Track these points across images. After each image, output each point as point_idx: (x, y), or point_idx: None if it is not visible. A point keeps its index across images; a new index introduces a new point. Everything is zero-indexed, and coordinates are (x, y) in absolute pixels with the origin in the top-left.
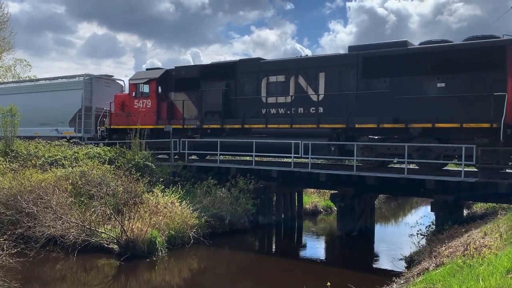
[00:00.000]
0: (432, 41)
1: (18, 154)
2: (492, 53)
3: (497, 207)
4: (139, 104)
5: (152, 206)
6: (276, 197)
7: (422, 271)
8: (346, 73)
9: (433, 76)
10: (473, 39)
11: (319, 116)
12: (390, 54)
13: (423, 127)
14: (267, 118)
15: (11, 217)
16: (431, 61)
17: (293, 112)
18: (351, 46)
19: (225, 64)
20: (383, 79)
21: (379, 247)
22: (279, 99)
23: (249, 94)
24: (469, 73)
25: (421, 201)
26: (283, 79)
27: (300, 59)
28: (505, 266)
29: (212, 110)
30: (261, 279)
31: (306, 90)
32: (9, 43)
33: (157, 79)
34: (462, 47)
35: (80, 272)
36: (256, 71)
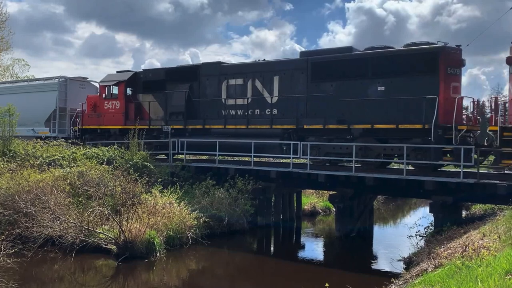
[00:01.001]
0: (375, 47)
1: (16, 154)
2: (426, 58)
3: (496, 209)
4: (109, 105)
5: (151, 207)
6: (275, 198)
7: (420, 273)
8: (297, 77)
9: (374, 80)
10: (411, 45)
11: (272, 118)
12: (336, 59)
13: (363, 127)
14: (226, 119)
15: (8, 217)
16: (372, 66)
17: (250, 114)
18: (302, 52)
19: (189, 67)
20: (329, 83)
21: (377, 248)
22: (238, 101)
23: (211, 96)
24: (405, 77)
25: (420, 202)
26: (241, 82)
27: (257, 63)
28: (503, 267)
29: (176, 111)
30: (259, 280)
31: (262, 92)
32: (7, 43)
33: (125, 81)
34: (399, 53)
35: (78, 272)
36: (217, 74)
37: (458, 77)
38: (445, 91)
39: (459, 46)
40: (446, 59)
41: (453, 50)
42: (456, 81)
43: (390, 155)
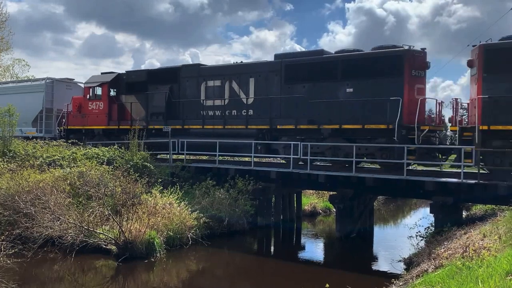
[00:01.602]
0: (345, 50)
1: (16, 154)
2: (391, 61)
3: (496, 209)
4: (93, 106)
5: (151, 207)
6: (275, 198)
7: (421, 273)
8: (272, 78)
9: (344, 82)
10: (379, 49)
11: (248, 118)
12: (308, 62)
13: (332, 128)
14: (204, 120)
15: (8, 217)
16: (342, 69)
17: (227, 114)
18: (276, 54)
19: (170, 69)
20: (302, 84)
21: (378, 249)
22: (216, 102)
23: (190, 97)
24: (372, 79)
25: (420, 202)
26: (219, 84)
27: (234, 65)
28: (504, 268)
29: (157, 111)
30: (259, 280)
31: (239, 94)
32: (7, 43)
33: (108, 82)
34: (366, 56)
35: (78, 273)
36: (196, 76)
37: (422, 79)
38: (410, 92)
39: (424, 49)
40: (411, 62)
41: (418, 53)
42: (420, 83)
43: (358, 154)
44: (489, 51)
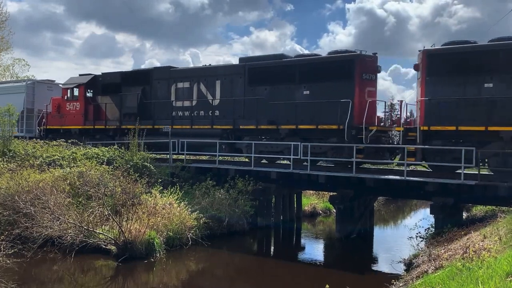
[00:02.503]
0: (303, 54)
1: (16, 154)
2: (343, 65)
3: (497, 210)
4: (70, 106)
5: (150, 207)
6: (275, 199)
7: (421, 274)
8: (236, 81)
9: (301, 85)
10: (334, 53)
11: (213, 119)
12: (269, 65)
13: (289, 128)
14: (173, 120)
15: (8, 217)
16: (299, 72)
17: (195, 115)
18: (241, 58)
19: (142, 71)
20: (263, 87)
21: (378, 250)
22: (185, 103)
23: (161, 99)
24: (327, 82)
25: (421, 203)
26: (188, 86)
27: (202, 68)
28: (504, 269)
29: (129, 112)
30: (259, 281)
31: (206, 95)
32: (8, 43)
33: (85, 84)
34: (321, 60)
35: (77, 273)
36: (167, 78)
37: (373, 82)
38: (360, 95)
39: (375, 53)
40: (361, 66)
41: (368, 57)
42: (371, 86)
43: (313, 153)
44: (432, 55)
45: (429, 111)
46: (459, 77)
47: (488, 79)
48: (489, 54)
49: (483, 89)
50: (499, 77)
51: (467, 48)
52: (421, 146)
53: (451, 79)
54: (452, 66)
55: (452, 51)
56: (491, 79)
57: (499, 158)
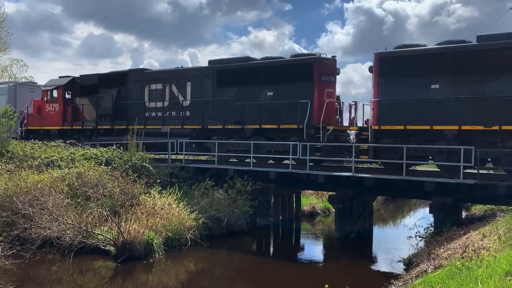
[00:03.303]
0: (268, 57)
1: (14, 155)
2: (303, 68)
3: (496, 209)
4: (50, 107)
5: (149, 208)
6: (274, 199)
7: (420, 274)
8: (206, 83)
9: (265, 86)
10: (296, 56)
11: (184, 119)
12: (235, 67)
13: (254, 127)
14: (146, 120)
15: (6, 218)
16: (264, 74)
17: (167, 115)
18: (210, 60)
19: (118, 73)
20: (231, 88)
21: (377, 249)
22: (158, 104)
23: (135, 100)
24: (289, 84)
25: (420, 203)
26: (161, 87)
27: (174, 70)
28: (503, 268)
29: (105, 113)
30: (258, 281)
31: (178, 96)
32: (5, 43)
33: (63, 86)
34: (284, 63)
35: (76, 274)
36: (141, 80)
37: (332, 84)
38: (319, 96)
39: (334, 56)
40: (320, 68)
41: (327, 60)
42: (330, 87)
43: (277, 152)
44: (383, 58)
45: (380, 111)
46: (408, 79)
47: (434, 81)
48: (436, 56)
49: (430, 90)
50: (445, 78)
51: (415, 51)
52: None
53: (401, 80)
54: (402, 69)
55: (402, 54)
56: (437, 80)
57: (444, 155)
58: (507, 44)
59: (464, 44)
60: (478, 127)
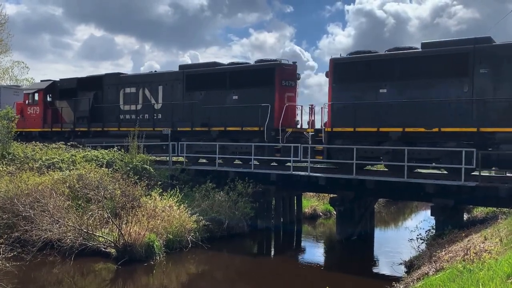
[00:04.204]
0: (234, 62)
1: (15, 157)
2: (265, 73)
3: (497, 212)
4: (31, 110)
5: (150, 210)
6: (275, 201)
7: (422, 276)
8: (176, 86)
9: (230, 91)
10: (259, 62)
11: (155, 121)
12: (203, 72)
13: (219, 130)
14: (120, 123)
15: (7, 220)
16: (229, 79)
17: (140, 118)
18: (180, 65)
19: (95, 77)
20: (199, 92)
21: (378, 252)
22: (131, 107)
23: (111, 103)
24: (252, 88)
25: (421, 205)
26: (134, 91)
27: (147, 74)
28: (505, 271)
29: (82, 115)
30: (259, 283)
31: (150, 100)
32: (7, 45)
33: (44, 89)
34: (248, 68)
35: (77, 276)
36: (116, 84)
37: (292, 89)
38: (280, 100)
39: (294, 62)
40: (281, 74)
41: (288, 66)
42: (290, 91)
43: (241, 153)
44: (337, 64)
45: (334, 114)
46: (359, 84)
47: (382, 86)
48: (384, 62)
49: (378, 94)
50: (392, 83)
51: (366, 57)
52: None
53: (352, 85)
54: (353, 74)
55: (354, 60)
56: (385, 85)
57: (390, 156)
58: (448, 51)
59: (408, 51)
60: (420, 129)
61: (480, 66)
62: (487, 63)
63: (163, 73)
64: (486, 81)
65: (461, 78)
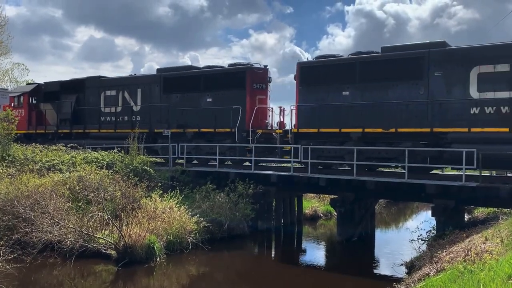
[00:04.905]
0: (209, 66)
1: (15, 159)
2: (237, 76)
3: (498, 212)
4: (17, 113)
5: (150, 211)
6: (276, 202)
7: (422, 277)
8: (154, 89)
9: (205, 93)
10: (232, 65)
11: (133, 123)
12: (180, 75)
13: (193, 131)
14: (100, 124)
15: (7, 222)
16: (204, 82)
17: (119, 120)
18: (158, 68)
19: (77, 80)
20: (176, 94)
21: (379, 253)
22: (111, 109)
23: (92, 105)
24: (225, 91)
25: (422, 206)
26: (115, 93)
27: (126, 77)
28: (506, 271)
29: (64, 118)
30: (260, 285)
31: (129, 102)
32: (7, 47)
33: (28, 92)
34: (221, 72)
35: (77, 278)
36: (97, 86)
37: (264, 91)
38: (251, 102)
39: (266, 66)
40: (252, 77)
41: (259, 69)
42: (262, 94)
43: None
44: (303, 68)
45: (300, 116)
46: (324, 87)
47: (345, 88)
48: (346, 66)
49: (341, 97)
50: (353, 86)
51: (330, 61)
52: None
53: (317, 88)
54: (318, 77)
55: (319, 64)
56: (347, 88)
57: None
58: (405, 55)
59: (368, 55)
60: (378, 130)
61: (434, 69)
62: (440, 67)
63: (142, 76)
64: (440, 84)
65: (417, 80)
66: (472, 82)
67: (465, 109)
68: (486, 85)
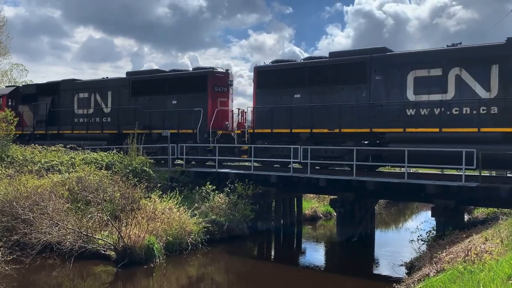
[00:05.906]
0: (175, 69)
1: (14, 160)
2: (199, 80)
3: (498, 212)
4: None
5: (150, 212)
6: (275, 203)
7: (422, 277)
8: (123, 92)
9: (170, 96)
10: (196, 69)
11: (104, 124)
12: (147, 79)
13: (158, 132)
14: (73, 126)
15: (6, 223)
16: (169, 85)
17: (91, 121)
18: (127, 72)
19: (52, 83)
20: (143, 97)
21: (379, 253)
22: (84, 111)
23: (66, 107)
24: (189, 93)
25: (422, 206)
26: (87, 96)
27: (98, 80)
28: (506, 272)
29: (40, 119)
30: (259, 286)
31: (101, 104)
32: (5, 48)
33: (7, 94)
34: (185, 75)
35: (76, 279)
36: (71, 89)
37: (225, 94)
38: (212, 104)
39: (227, 70)
40: (214, 80)
41: (220, 73)
42: (223, 97)
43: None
44: (260, 71)
45: (257, 117)
46: (278, 89)
47: (297, 91)
48: (298, 70)
49: (293, 99)
50: (304, 89)
51: (284, 66)
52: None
53: (273, 91)
54: (274, 80)
55: (274, 68)
56: (299, 91)
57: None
58: (349, 60)
59: (317, 60)
60: (324, 130)
61: (375, 74)
62: (381, 71)
63: (113, 79)
64: (380, 87)
65: (360, 84)
66: (409, 86)
67: (402, 111)
68: (421, 88)
